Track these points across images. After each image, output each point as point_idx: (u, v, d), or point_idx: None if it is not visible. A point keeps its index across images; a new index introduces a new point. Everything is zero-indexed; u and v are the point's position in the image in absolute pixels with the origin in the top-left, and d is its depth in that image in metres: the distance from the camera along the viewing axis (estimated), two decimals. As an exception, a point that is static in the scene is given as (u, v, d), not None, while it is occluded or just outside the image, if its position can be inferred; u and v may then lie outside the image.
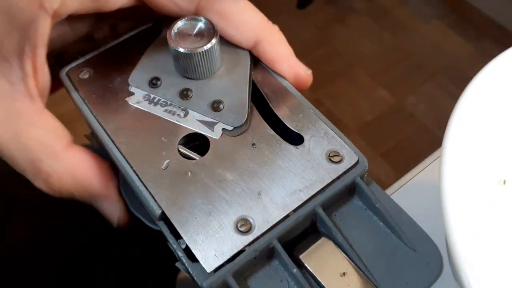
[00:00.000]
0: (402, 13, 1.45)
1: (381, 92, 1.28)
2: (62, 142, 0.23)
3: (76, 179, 0.23)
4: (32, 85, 0.22)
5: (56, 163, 0.22)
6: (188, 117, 0.24)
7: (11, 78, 0.22)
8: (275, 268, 0.21)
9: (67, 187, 0.23)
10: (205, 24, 0.24)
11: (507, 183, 0.25)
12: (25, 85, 0.22)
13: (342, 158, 0.22)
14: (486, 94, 0.24)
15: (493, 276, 0.20)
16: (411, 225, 0.22)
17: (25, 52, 0.22)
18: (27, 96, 0.22)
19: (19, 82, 0.22)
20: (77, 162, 0.23)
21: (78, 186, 0.23)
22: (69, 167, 0.23)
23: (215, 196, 0.22)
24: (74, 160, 0.23)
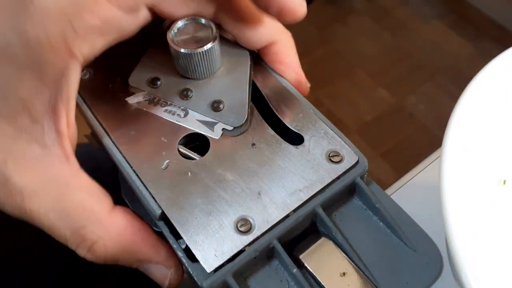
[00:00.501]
0: (402, 13, 1.45)
1: (381, 92, 1.28)
2: (105, 205, 0.21)
3: (123, 245, 0.21)
4: (68, 145, 0.21)
5: (101, 230, 0.21)
6: (188, 117, 0.24)
7: (44, 141, 0.20)
8: (275, 268, 0.21)
9: (113, 254, 0.21)
10: (205, 24, 0.24)
11: (507, 183, 0.25)
12: (60, 146, 0.20)
13: (342, 158, 0.22)
14: (486, 94, 0.24)
15: (493, 276, 0.20)
16: (411, 225, 0.22)
17: (59, 110, 0.20)
18: (63, 158, 0.20)
19: (53, 144, 0.20)
20: (122, 226, 0.21)
21: (125, 252, 0.21)
22: (115, 233, 0.21)
23: (215, 196, 0.22)
24: (120, 225, 0.21)
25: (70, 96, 0.20)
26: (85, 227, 0.20)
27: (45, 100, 0.20)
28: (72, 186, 0.21)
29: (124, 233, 0.21)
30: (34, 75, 0.19)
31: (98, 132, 0.24)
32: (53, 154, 0.20)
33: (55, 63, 0.19)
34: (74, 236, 0.21)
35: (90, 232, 0.21)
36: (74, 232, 0.20)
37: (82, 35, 0.19)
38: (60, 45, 0.19)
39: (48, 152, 0.20)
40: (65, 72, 0.20)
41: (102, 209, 0.21)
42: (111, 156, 0.23)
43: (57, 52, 0.19)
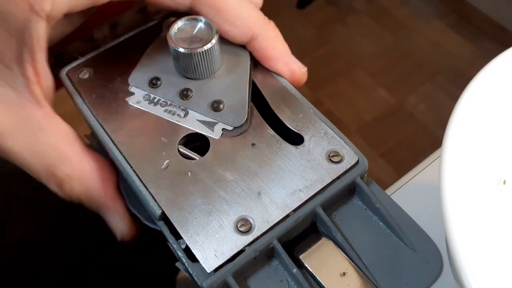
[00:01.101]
0: (402, 13, 1.45)
1: (381, 92, 1.28)
2: (74, 146, 0.23)
3: (86, 187, 0.23)
4: (38, 90, 0.22)
5: (69, 169, 0.23)
6: (188, 117, 0.24)
7: (15, 85, 0.22)
8: (275, 268, 0.21)
9: (77, 193, 0.23)
10: (205, 24, 0.24)
11: (507, 183, 0.25)
12: (30, 91, 0.22)
13: (342, 158, 0.22)
14: (486, 94, 0.24)
15: (493, 276, 0.20)
16: (411, 225, 0.22)
17: (25, 58, 0.22)
18: (34, 101, 0.22)
19: (24, 88, 0.22)
20: (89, 169, 0.23)
21: (87, 195, 0.23)
22: (81, 174, 0.23)
23: (215, 196, 0.22)
24: (86, 167, 0.23)
25: (34, 47, 0.22)
26: (55, 165, 0.22)
27: (12, 48, 0.21)
28: (44, 127, 0.22)
29: (88, 176, 0.23)
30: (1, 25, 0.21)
31: (98, 132, 0.24)
32: (24, 97, 0.22)
33: (17, 15, 0.21)
34: (46, 173, 0.22)
35: (59, 170, 0.22)
36: (45, 168, 0.22)
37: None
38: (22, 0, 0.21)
39: (20, 96, 0.22)
40: (27, 25, 0.21)
41: (73, 151, 0.23)
42: (111, 156, 0.23)
43: (17, 5, 0.21)
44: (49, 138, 0.22)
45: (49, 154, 0.22)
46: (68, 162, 0.23)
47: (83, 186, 0.23)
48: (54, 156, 0.22)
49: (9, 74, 0.22)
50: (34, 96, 0.22)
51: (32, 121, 0.22)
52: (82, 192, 0.23)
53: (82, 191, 0.23)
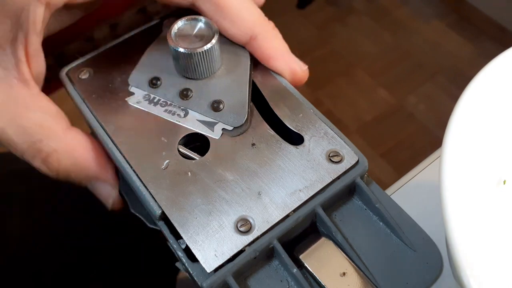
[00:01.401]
0: (402, 13, 1.45)
1: (381, 92, 1.28)
2: (61, 123, 0.23)
3: (75, 159, 0.23)
4: (26, 70, 0.23)
5: (55, 143, 0.23)
6: (188, 117, 0.24)
7: (5, 64, 0.22)
8: (275, 268, 0.21)
9: (65, 167, 0.23)
10: (205, 24, 0.24)
11: (507, 183, 0.25)
12: (19, 70, 0.22)
13: (342, 158, 0.22)
14: (486, 94, 0.24)
15: (493, 276, 0.20)
16: (411, 225, 0.22)
17: (18, 39, 0.22)
18: (22, 81, 0.23)
19: (13, 68, 0.22)
20: (76, 143, 0.23)
21: (76, 167, 0.23)
22: (68, 147, 0.23)
23: (215, 196, 0.22)
24: (73, 141, 0.23)
25: (29, 30, 0.22)
26: (41, 141, 0.22)
27: (7, 28, 0.22)
28: (29, 106, 0.23)
29: (76, 149, 0.23)
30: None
31: (98, 132, 0.24)
32: (12, 76, 0.22)
33: None
34: (30, 149, 0.22)
35: (46, 145, 0.22)
36: (30, 145, 0.22)
37: None
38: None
39: (8, 74, 0.22)
40: (26, 8, 0.21)
41: (58, 127, 0.23)
42: (111, 156, 0.23)
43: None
44: (35, 116, 0.23)
45: (34, 130, 0.22)
46: (54, 137, 0.23)
47: (70, 158, 0.23)
48: (39, 132, 0.22)
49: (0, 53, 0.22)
50: (22, 76, 0.22)
51: (17, 98, 0.22)
52: (70, 164, 0.23)
53: (70, 164, 0.23)
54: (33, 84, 0.23)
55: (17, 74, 0.22)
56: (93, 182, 0.24)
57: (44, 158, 0.23)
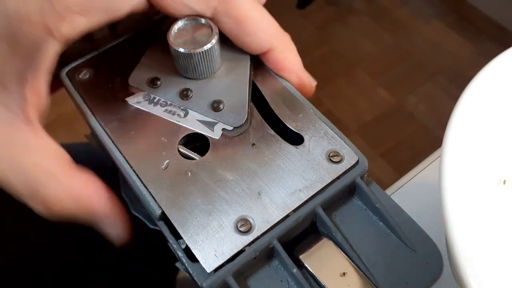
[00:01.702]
0: (402, 13, 1.45)
1: (381, 92, 1.28)
2: (62, 164, 0.22)
3: (78, 199, 0.22)
4: (31, 110, 0.22)
5: (56, 186, 0.22)
6: (188, 117, 0.24)
7: (10, 105, 0.21)
8: (275, 268, 0.21)
9: (67, 208, 0.22)
10: (205, 24, 0.24)
11: (507, 183, 0.25)
12: (24, 111, 0.21)
13: (342, 158, 0.22)
14: (486, 94, 0.24)
15: (493, 276, 0.20)
16: (411, 225, 0.22)
17: (27, 79, 0.21)
18: (25, 122, 0.22)
19: (18, 109, 0.21)
20: (78, 182, 0.22)
21: (79, 207, 0.22)
22: (70, 187, 0.22)
23: (215, 196, 0.22)
24: (75, 181, 0.22)
25: (40, 69, 0.21)
26: (41, 184, 0.21)
27: (15, 67, 0.21)
28: (30, 147, 0.22)
29: (79, 189, 0.22)
30: (9, 44, 0.20)
31: (98, 132, 0.24)
32: (16, 117, 0.21)
33: (30, 37, 0.20)
34: (30, 192, 0.22)
35: (46, 188, 0.21)
36: (30, 188, 0.21)
37: (61, 14, 0.20)
38: (37, 21, 0.20)
39: (11, 115, 0.21)
40: (39, 46, 0.21)
41: (58, 168, 0.22)
42: (111, 156, 0.23)
43: (33, 26, 0.20)
44: (36, 158, 0.22)
45: (34, 173, 0.21)
46: (55, 180, 0.22)
47: (73, 198, 0.22)
48: (40, 175, 0.21)
49: (4, 93, 0.21)
50: (26, 116, 0.22)
51: (19, 140, 0.22)
52: (73, 205, 0.22)
53: (72, 204, 0.22)
54: (36, 124, 0.22)
55: (21, 115, 0.21)
56: (99, 221, 0.23)
57: (45, 202, 0.22)
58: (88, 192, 0.23)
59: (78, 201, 0.22)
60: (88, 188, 0.23)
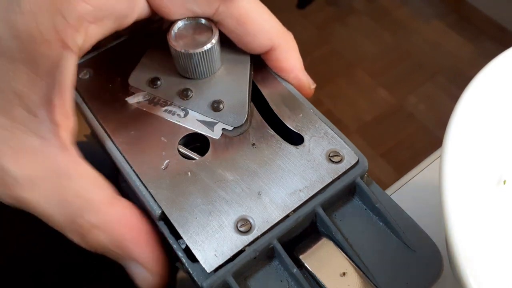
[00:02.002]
0: (402, 13, 1.45)
1: (381, 92, 1.28)
2: (105, 195, 0.21)
3: (117, 237, 0.21)
4: (64, 135, 0.20)
5: (98, 218, 0.20)
6: (188, 117, 0.24)
7: (42, 133, 0.20)
8: (275, 268, 0.21)
9: (105, 243, 0.21)
10: (205, 24, 0.24)
11: (507, 183, 0.25)
12: (57, 137, 0.20)
13: (342, 158, 0.22)
14: (486, 94, 0.24)
15: (493, 276, 0.20)
16: (411, 225, 0.22)
17: (54, 102, 0.20)
18: (61, 148, 0.20)
19: (50, 135, 0.20)
20: (117, 218, 0.21)
21: (117, 245, 0.21)
22: (110, 223, 0.21)
23: (215, 196, 0.22)
24: (114, 216, 0.21)
25: (65, 87, 0.20)
26: (82, 216, 0.20)
27: (40, 92, 0.19)
28: (71, 176, 0.20)
29: (116, 225, 0.21)
30: (28, 68, 0.19)
31: (98, 132, 0.24)
32: (51, 145, 0.20)
33: (48, 55, 0.19)
34: (69, 223, 0.20)
35: (84, 219, 0.20)
36: (71, 220, 0.20)
37: (74, 24, 0.19)
38: (52, 37, 0.19)
39: (45, 143, 0.20)
40: (59, 63, 0.19)
41: (102, 198, 0.21)
42: (111, 156, 0.23)
43: (49, 43, 0.19)
44: (75, 186, 0.20)
45: (73, 202, 0.20)
46: (94, 210, 0.20)
47: (109, 235, 0.21)
48: (79, 204, 0.20)
49: (33, 120, 0.20)
50: (61, 142, 0.20)
51: (58, 169, 0.20)
52: (111, 242, 0.21)
53: (110, 241, 0.21)
54: (72, 150, 0.21)
55: (56, 142, 0.20)
56: (131, 262, 0.22)
57: (82, 233, 0.20)
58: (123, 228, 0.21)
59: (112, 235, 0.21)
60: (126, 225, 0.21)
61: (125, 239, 0.21)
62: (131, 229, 0.21)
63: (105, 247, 0.21)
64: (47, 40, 0.19)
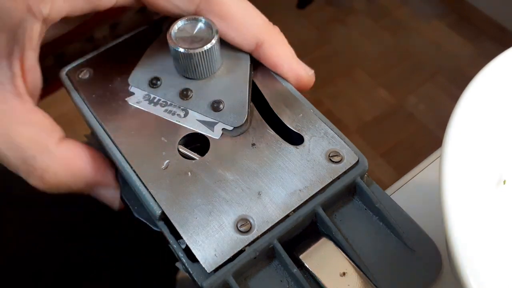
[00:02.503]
0: (402, 13, 1.45)
1: (381, 92, 1.28)
2: (54, 137, 0.23)
3: (72, 171, 0.23)
4: (21, 84, 0.22)
5: (50, 159, 0.22)
6: (188, 117, 0.24)
7: (0, 79, 0.22)
8: (275, 268, 0.21)
9: (63, 180, 0.23)
10: (205, 24, 0.24)
11: (507, 183, 0.25)
12: (14, 84, 0.22)
13: (342, 158, 0.22)
14: (486, 94, 0.24)
15: (493, 276, 0.20)
16: (411, 225, 0.22)
17: (14, 54, 0.22)
18: (16, 95, 0.22)
19: (8, 82, 0.22)
20: (71, 154, 0.23)
21: (75, 178, 0.23)
22: (64, 160, 0.23)
23: (215, 196, 0.22)
24: (68, 153, 0.23)
25: (25, 44, 0.22)
26: (34, 157, 0.22)
27: (3, 43, 0.22)
28: (22, 120, 0.22)
29: (72, 160, 0.23)
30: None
31: (98, 132, 0.24)
32: (6, 90, 0.22)
33: (12, 14, 0.21)
34: (24, 166, 0.22)
35: (40, 161, 0.22)
36: (24, 162, 0.22)
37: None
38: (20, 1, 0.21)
39: (2, 88, 0.22)
40: (22, 23, 0.21)
41: (51, 141, 0.23)
42: (111, 156, 0.23)
43: (16, 4, 0.21)
44: (27, 131, 0.22)
45: (27, 146, 0.22)
46: (48, 152, 0.22)
47: (67, 170, 0.23)
48: (32, 148, 0.22)
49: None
50: (17, 90, 0.22)
51: (11, 114, 0.22)
52: (68, 177, 0.23)
53: (67, 176, 0.23)
54: (27, 98, 0.23)
55: (11, 88, 0.22)
56: (96, 189, 0.24)
57: (40, 175, 0.22)
58: (81, 161, 0.23)
59: (72, 171, 0.23)
60: (80, 158, 0.23)
61: (83, 170, 0.23)
62: (85, 160, 0.23)
63: (66, 183, 0.23)
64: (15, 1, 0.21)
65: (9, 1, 0.21)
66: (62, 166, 0.23)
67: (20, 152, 0.22)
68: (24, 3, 0.21)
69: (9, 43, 0.22)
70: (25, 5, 0.21)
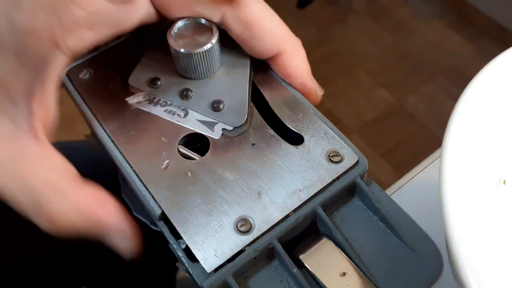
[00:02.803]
0: (402, 13, 1.45)
1: (381, 92, 1.28)
2: (67, 178, 0.22)
3: (85, 213, 0.22)
4: (38, 124, 0.22)
5: (60, 199, 0.21)
6: (188, 117, 0.24)
7: (17, 119, 0.21)
8: (275, 268, 0.21)
9: (74, 222, 0.22)
10: (205, 24, 0.24)
11: (507, 183, 0.25)
12: (30, 126, 0.21)
13: (342, 158, 0.22)
14: (486, 94, 0.24)
15: (493, 276, 0.20)
16: (411, 225, 0.22)
17: (34, 93, 0.21)
18: (31, 135, 0.21)
19: (25, 123, 0.21)
20: (84, 196, 0.22)
21: (85, 220, 0.22)
22: (76, 201, 0.22)
23: (215, 196, 0.22)
24: (81, 194, 0.22)
25: (47, 82, 0.21)
26: (46, 199, 0.21)
27: (23, 81, 0.21)
28: (35, 161, 0.22)
29: (85, 202, 0.22)
30: (17, 59, 0.20)
31: (98, 132, 0.24)
32: (23, 131, 0.21)
33: (38, 51, 0.20)
34: (35, 208, 0.21)
35: (51, 203, 0.21)
36: (35, 204, 0.21)
37: (68, 28, 0.20)
38: (45, 35, 0.20)
39: (18, 129, 0.21)
40: (47, 59, 0.21)
41: (64, 181, 0.22)
42: (111, 156, 0.23)
43: (42, 41, 0.20)
44: (40, 171, 0.21)
45: (39, 188, 0.21)
46: (61, 195, 0.21)
47: (78, 212, 0.22)
48: (45, 190, 0.21)
49: (12, 107, 0.21)
50: (33, 130, 0.21)
51: (24, 154, 0.21)
52: (79, 219, 0.22)
53: (78, 219, 0.22)
54: (43, 139, 0.22)
55: (28, 130, 0.21)
56: (107, 234, 0.23)
57: (48, 216, 0.21)
58: (96, 205, 0.22)
59: (85, 215, 0.22)
60: (95, 201, 0.22)
61: (98, 217, 0.22)
62: (102, 206, 0.22)
63: (76, 226, 0.22)
64: (40, 37, 0.20)
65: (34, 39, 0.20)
66: (73, 207, 0.22)
67: (31, 193, 0.21)
68: (50, 39, 0.20)
69: (30, 82, 0.21)
70: (51, 41, 0.20)
